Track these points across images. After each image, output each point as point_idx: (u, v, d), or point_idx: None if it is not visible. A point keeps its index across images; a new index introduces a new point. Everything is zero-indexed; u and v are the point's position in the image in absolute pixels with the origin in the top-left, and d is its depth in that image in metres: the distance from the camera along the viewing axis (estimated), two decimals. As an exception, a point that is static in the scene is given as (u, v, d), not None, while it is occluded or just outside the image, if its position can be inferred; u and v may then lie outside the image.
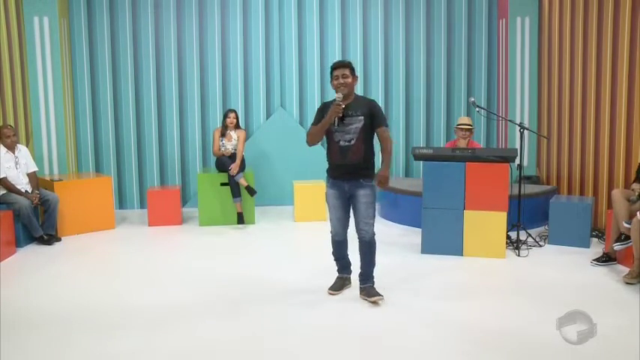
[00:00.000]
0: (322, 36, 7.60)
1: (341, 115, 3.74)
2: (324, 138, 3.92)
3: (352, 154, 3.78)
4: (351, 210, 3.92)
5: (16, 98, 6.48)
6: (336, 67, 3.83)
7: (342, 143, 3.79)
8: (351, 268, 4.18)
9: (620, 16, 5.60)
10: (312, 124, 3.90)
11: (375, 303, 3.82)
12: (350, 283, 4.17)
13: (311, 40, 7.57)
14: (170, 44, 7.37)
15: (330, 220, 3.99)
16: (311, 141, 3.90)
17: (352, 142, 3.77)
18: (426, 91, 7.78)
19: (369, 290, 3.91)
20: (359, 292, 3.97)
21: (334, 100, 3.80)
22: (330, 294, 4.03)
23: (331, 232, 4.02)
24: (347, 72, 3.79)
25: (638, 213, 4.21)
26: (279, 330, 3.42)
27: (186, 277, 4.50)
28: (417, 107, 7.80)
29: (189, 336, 3.34)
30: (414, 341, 3.24)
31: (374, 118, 3.81)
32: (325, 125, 3.78)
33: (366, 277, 3.97)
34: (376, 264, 4.01)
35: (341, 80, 3.76)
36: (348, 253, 4.14)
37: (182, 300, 3.97)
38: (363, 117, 3.78)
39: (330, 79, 3.89)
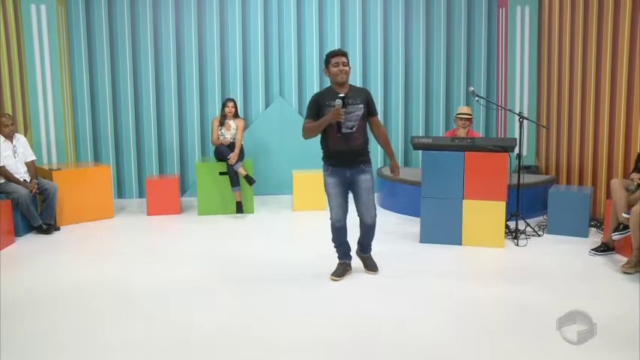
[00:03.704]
0: (321, 24, 7.56)
1: (342, 120, 3.77)
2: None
3: (354, 140, 3.90)
4: (350, 196, 4.04)
5: (13, 87, 6.45)
6: (334, 54, 3.88)
7: (344, 130, 3.84)
8: (351, 253, 4.26)
9: (620, 5, 5.57)
10: (306, 118, 3.93)
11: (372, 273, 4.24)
12: (351, 268, 4.24)
13: (310, 29, 7.52)
14: (169, 33, 7.32)
15: (331, 207, 4.03)
16: (307, 137, 3.95)
17: (354, 129, 3.89)
18: (425, 81, 7.76)
19: (366, 261, 4.30)
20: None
21: (326, 90, 3.91)
22: (333, 280, 4.08)
23: (331, 218, 4.05)
24: (345, 60, 3.87)
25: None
26: (284, 316, 3.44)
27: (185, 265, 4.51)
28: (417, 96, 7.77)
29: (189, 323, 3.35)
30: (413, 333, 3.26)
31: (369, 107, 3.99)
32: (322, 126, 3.82)
33: (365, 247, 4.28)
34: (376, 253, 4.36)
35: (342, 67, 3.83)
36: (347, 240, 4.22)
37: (182, 287, 3.98)
38: (362, 105, 3.91)
39: (324, 67, 3.95)
